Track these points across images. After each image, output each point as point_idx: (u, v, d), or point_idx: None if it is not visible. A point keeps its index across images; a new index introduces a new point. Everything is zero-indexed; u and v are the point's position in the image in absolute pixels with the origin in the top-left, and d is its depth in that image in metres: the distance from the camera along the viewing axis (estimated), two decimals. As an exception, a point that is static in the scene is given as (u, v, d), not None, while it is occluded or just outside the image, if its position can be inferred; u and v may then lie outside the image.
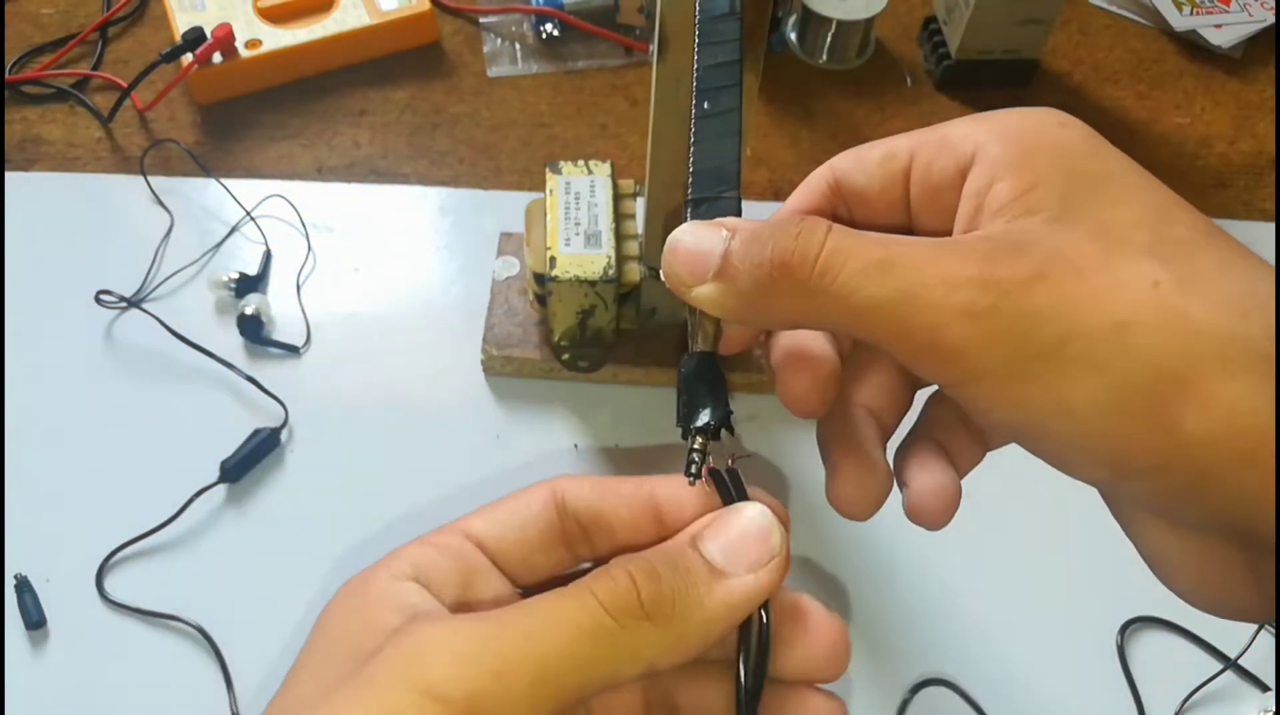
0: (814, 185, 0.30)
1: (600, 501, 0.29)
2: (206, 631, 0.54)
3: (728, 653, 0.27)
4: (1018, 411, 0.24)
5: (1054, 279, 0.23)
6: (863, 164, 0.29)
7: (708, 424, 0.27)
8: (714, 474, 0.28)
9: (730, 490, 0.28)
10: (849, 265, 0.24)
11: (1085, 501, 0.67)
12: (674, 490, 0.28)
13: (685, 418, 0.28)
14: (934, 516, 0.28)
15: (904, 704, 0.54)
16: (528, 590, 0.29)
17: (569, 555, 0.29)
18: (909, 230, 0.29)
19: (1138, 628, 0.56)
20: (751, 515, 0.27)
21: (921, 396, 0.30)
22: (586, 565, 0.30)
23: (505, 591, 0.29)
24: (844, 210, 0.30)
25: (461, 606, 0.27)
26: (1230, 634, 0.56)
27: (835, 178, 0.29)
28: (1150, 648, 0.56)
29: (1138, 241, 0.23)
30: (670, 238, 0.27)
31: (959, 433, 0.29)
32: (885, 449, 0.29)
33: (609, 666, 0.25)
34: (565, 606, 0.25)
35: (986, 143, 0.26)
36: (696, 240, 0.26)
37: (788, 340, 0.28)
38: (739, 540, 0.26)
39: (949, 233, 0.27)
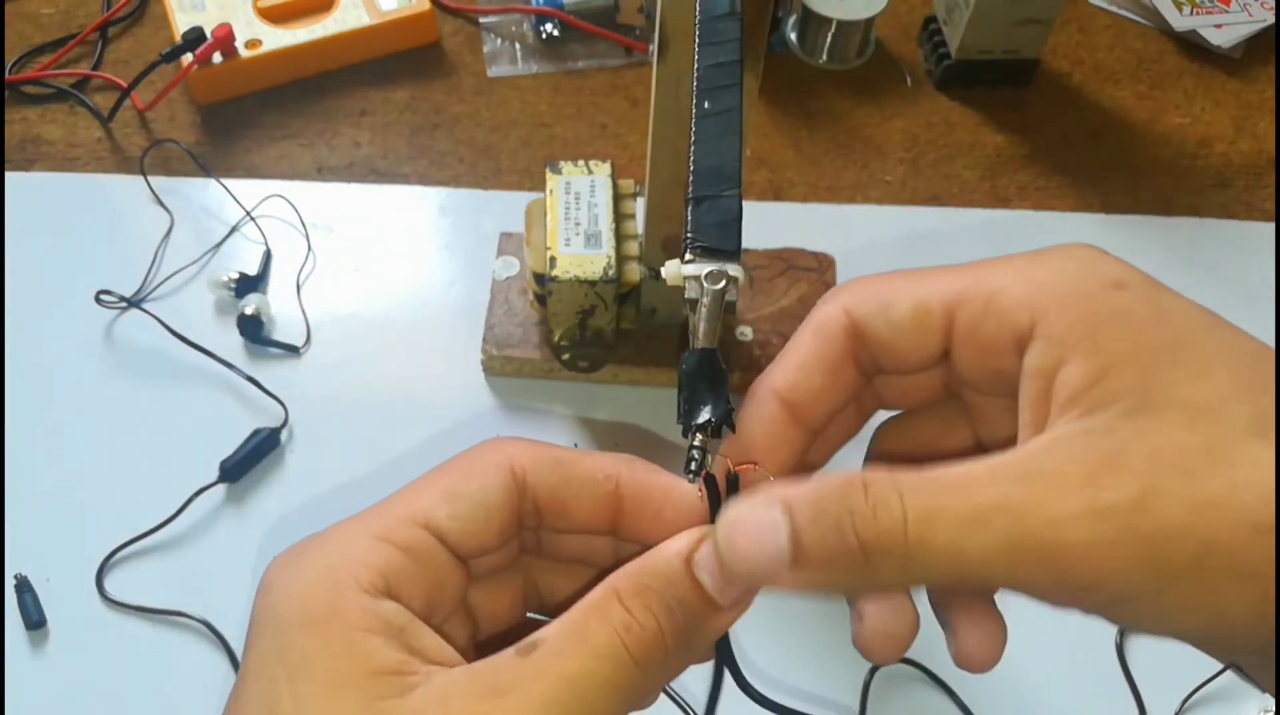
0: (829, 330, 0.28)
1: (563, 487, 0.28)
2: (212, 625, 0.55)
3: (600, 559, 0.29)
4: (1170, 626, 0.23)
5: (1166, 490, 0.21)
6: (889, 315, 0.27)
7: (709, 421, 0.27)
8: (709, 481, 0.28)
9: (721, 498, 0.27)
10: (942, 527, 0.23)
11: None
12: (638, 480, 0.28)
13: (686, 415, 0.28)
14: (985, 665, 0.27)
15: (865, 686, 0.54)
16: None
17: (515, 527, 0.29)
18: (945, 380, 0.28)
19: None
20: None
21: None
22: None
23: (465, 590, 0.28)
24: (866, 358, 0.28)
25: (426, 613, 0.26)
26: (1230, 634, 0.56)
27: (853, 322, 0.28)
28: (1150, 646, 0.56)
29: (1237, 420, 0.22)
30: (723, 528, 0.25)
31: None
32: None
33: (629, 706, 0.25)
34: (604, 667, 0.24)
35: (1046, 315, 0.24)
36: (754, 530, 0.24)
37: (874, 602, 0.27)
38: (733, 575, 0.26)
39: (1000, 393, 0.27)
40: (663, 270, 0.30)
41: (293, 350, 0.64)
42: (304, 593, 0.25)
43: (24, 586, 0.55)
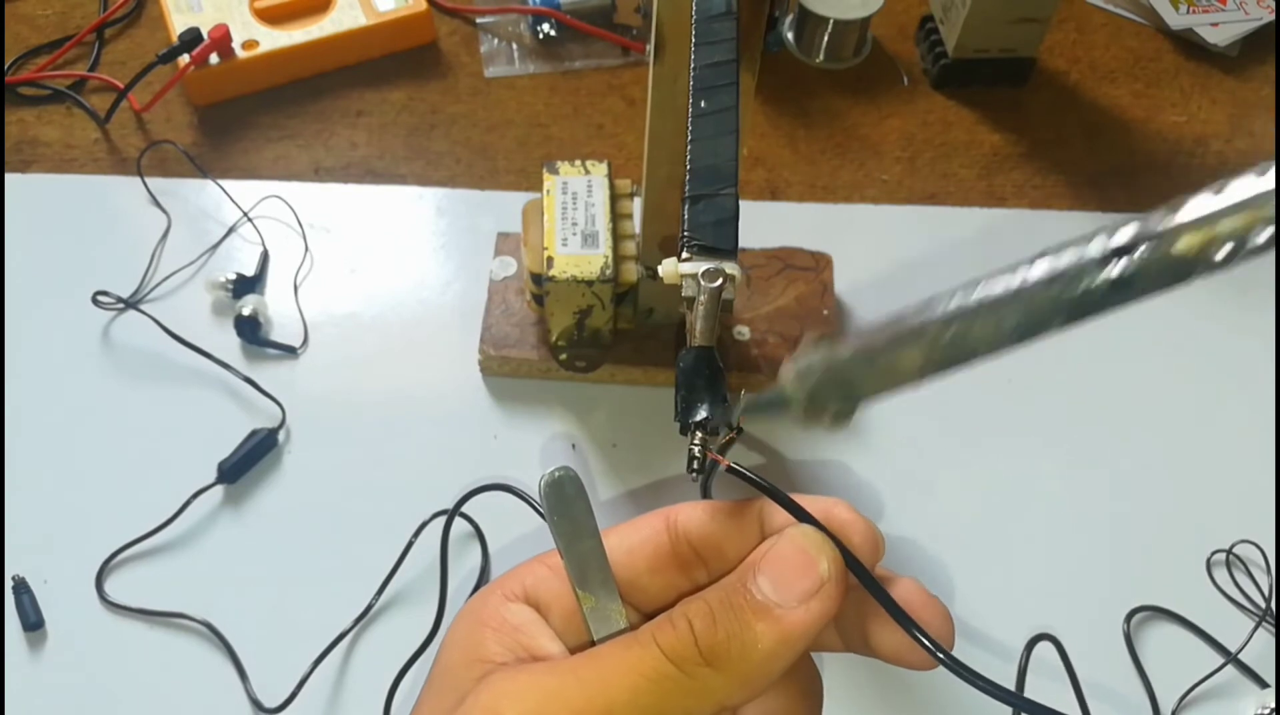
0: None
1: (709, 522, 0.29)
2: (214, 626, 0.54)
3: None
4: None
5: None
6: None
7: (706, 419, 0.27)
8: (733, 471, 0.27)
9: (765, 481, 0.27)
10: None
11: (1088, 491, 0.67)
12: (787, 518, 0.28)
13: (684, 413, 0.28)
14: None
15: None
16: (646, 615, 0.29)
17: (685, 579, 0.29)
18: None
19: (1144, 617, 0.57)
20: (797, 544, 0.26)
21: None
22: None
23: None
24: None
25: (571, 629, 0.29)
26: (1230, 628, 0.56)
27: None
28: (1155, 637, 0.56)
29: None
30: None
31: None
32: None
33: (678, 711, 0.25)
34: (630, 656, 0.25)
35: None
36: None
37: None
38: (787, 571, 0.26)
39: None
40: (660, 269, 0.30)
41: (290, 351, 0.64)
42: (470, 601, 0.30)
43: (21, 588, 0.55)
